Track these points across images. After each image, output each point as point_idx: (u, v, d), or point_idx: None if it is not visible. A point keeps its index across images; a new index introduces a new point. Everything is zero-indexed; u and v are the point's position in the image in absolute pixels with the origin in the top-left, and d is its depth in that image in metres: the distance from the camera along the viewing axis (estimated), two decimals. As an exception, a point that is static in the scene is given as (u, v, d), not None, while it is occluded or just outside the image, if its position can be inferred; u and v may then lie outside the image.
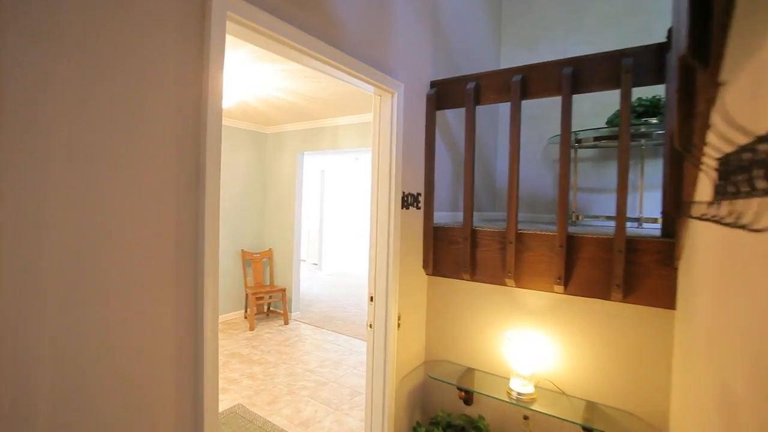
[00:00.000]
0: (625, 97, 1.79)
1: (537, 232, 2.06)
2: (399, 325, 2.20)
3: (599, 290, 1.89)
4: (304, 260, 10.04)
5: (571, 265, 1.96)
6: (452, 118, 2.73)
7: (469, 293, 2.38)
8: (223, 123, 4.92)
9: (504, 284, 2.14)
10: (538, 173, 3.49)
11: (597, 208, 3.13)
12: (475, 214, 3.28)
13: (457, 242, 2.32)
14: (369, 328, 2.17)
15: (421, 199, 2.41)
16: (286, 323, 5.07)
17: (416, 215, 2.36)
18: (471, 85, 2.24)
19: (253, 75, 3.12)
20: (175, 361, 1.16)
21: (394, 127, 2.12)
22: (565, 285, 1.96)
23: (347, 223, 9.32)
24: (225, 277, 5.11)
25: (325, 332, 4.84)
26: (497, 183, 3.65)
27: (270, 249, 5.50)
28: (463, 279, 2.28)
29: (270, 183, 5.56)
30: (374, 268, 2.16)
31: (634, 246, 1.80)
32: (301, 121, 5.08)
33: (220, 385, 3.35)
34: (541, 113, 3.18)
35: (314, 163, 8.53)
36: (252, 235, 5.47)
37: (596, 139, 2.86)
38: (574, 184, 3.08)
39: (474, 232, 2.24)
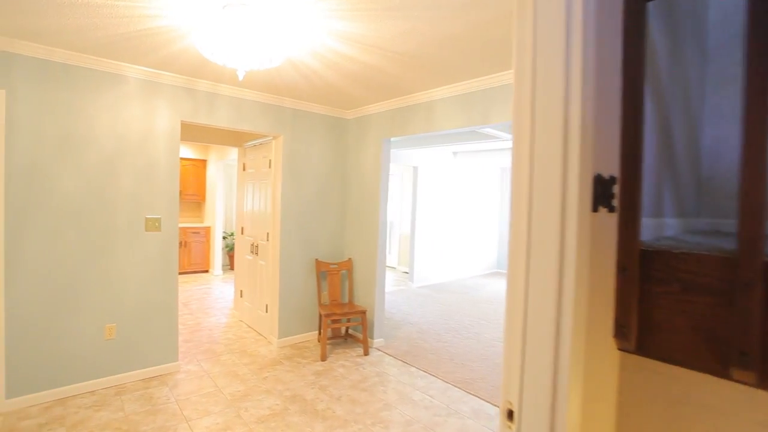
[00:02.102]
0: None
1: None
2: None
3: None
4: (394, 267, 9.08)
5: None
6: (656, 30, 1.39)
7: (744, 415, 1.04)
8: (290, 106, 3.96)
9: None
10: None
11: None
12: (671, 221, 1.86)
13: (709, 288, 0.99)
14: (502, 482, 0.96)
15: (616, 190, 1.13)
16: (366, 353, 4.06)
17: (603, 223, 1.10)
18: None
19: (294, 12, 2.13)
20: None
21: (574, 23, 0.89)
22: None
23: (444, 230, 8.10)
24: (295, 293, 4.29)
25: (414, 372, 3.70)
26: (703, 164, 2.14)
27: (349, 259, 4.56)
28: (732, 379, 0.95)
29: (351, 179, 4.62)
30: (521, 344, 0.94)
31: None
32: (387, 99, 4.03)
33: (268, 453, 2.41)
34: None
35: (406, 157, 7.48)
36: (329, 243, 4.57)
37: None
38: None
39: (772, 269, 0.90)
